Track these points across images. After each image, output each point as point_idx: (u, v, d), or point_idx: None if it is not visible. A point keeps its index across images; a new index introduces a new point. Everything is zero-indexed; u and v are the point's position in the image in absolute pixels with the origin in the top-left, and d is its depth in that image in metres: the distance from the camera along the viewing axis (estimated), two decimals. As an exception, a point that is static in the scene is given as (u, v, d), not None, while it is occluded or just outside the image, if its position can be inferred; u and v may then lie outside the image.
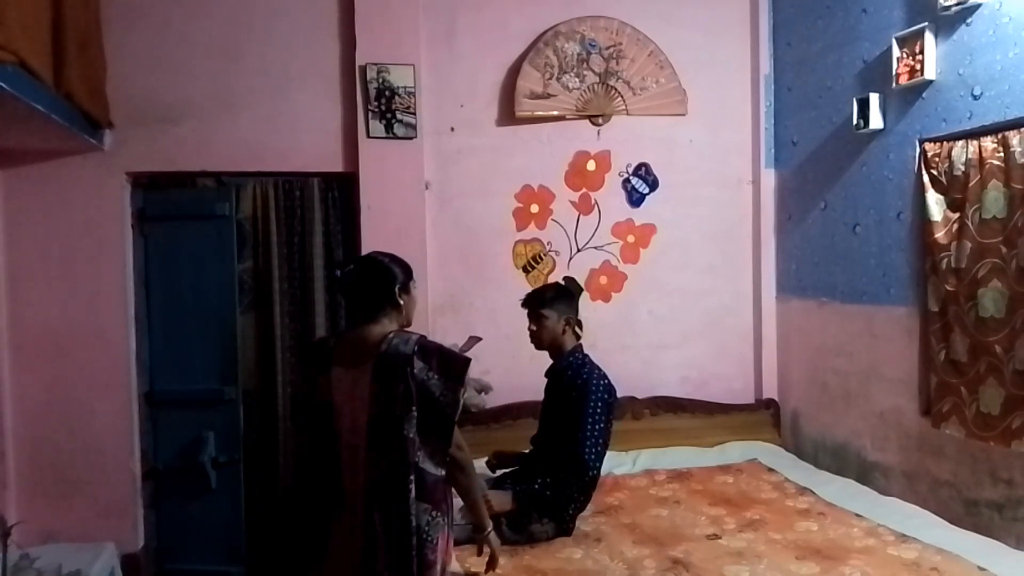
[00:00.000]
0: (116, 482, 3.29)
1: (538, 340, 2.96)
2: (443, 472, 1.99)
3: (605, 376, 2.88)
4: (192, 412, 3.42)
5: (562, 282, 3.69)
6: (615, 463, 3.37)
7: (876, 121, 3.12)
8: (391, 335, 2.00)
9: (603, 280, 3.82)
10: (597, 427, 2.76)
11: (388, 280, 2.07)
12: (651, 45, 3.76)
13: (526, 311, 2.96)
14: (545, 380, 3.04)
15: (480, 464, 3.13)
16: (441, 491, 2.00)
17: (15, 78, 2.17)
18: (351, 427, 1.99)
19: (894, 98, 3.07)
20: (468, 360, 2.04)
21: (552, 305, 2.92)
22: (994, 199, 2.57)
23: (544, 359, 3.40)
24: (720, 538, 2.65)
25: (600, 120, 3.78)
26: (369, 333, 2.02)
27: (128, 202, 3.36)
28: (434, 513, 1.95)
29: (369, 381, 1.96)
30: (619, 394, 3.62)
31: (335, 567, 2.02)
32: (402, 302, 2.08)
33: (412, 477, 1.92)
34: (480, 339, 2.87)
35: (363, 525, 1.94)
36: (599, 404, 2.79)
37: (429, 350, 1.98)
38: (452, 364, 1.99)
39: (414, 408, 1.93)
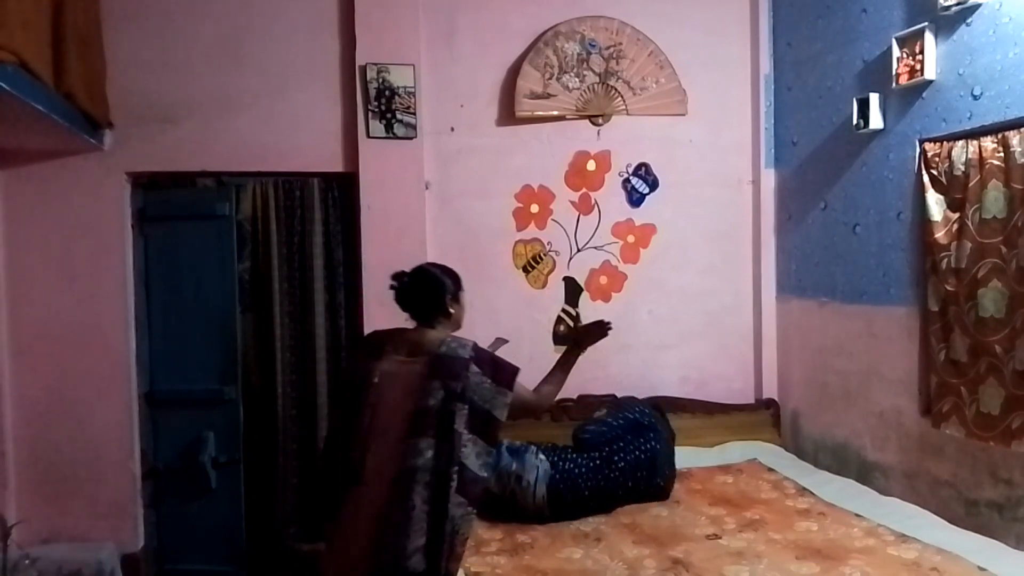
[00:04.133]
0: (116, 482, 3.29)
1: None
2: (484, 474, 2.11)
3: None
4: (192, 412, 3.42)
5: (562, 282, 3.72)
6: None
7: (876, 121, 3.11)
8: (448, 339, 2.18)
9: (603, 280, 3.82)
10: None
11: (439, 290, 2.27)
12: (651, 45, 3.76)
13: None
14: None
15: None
16: (479, 490, 2.11)
17: (15, 78, 2.17)
18: (390, 411, 2.11)
19: (894, 98, 3.07)
20: (517, 369, 2.21)
21: None
22: (994, 199, 2.57)
23: (542, 359, 3.41)
24: (720, 538, 2.65)
25: (600, 120, 3.78)
26: (425, 335, 2.22)
27: (128, 202, 3.36)
28: (469, 508, 2.06)
29: (423, 374, 2.11)
30: (619, 394, 3.70)
31: (343, 535, 2.11)
32: (452, 311, 2.29)
33: (456, 470, 2.04)
34: (507, 341, 2.94)
35: (395, 504, 2.02)
36: None
37: (483, 357, 2.18)
38: (503, 371, 2.17)
39: (466, 406, 2.07)
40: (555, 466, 2.96)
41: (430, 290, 2.27)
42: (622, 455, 3.05)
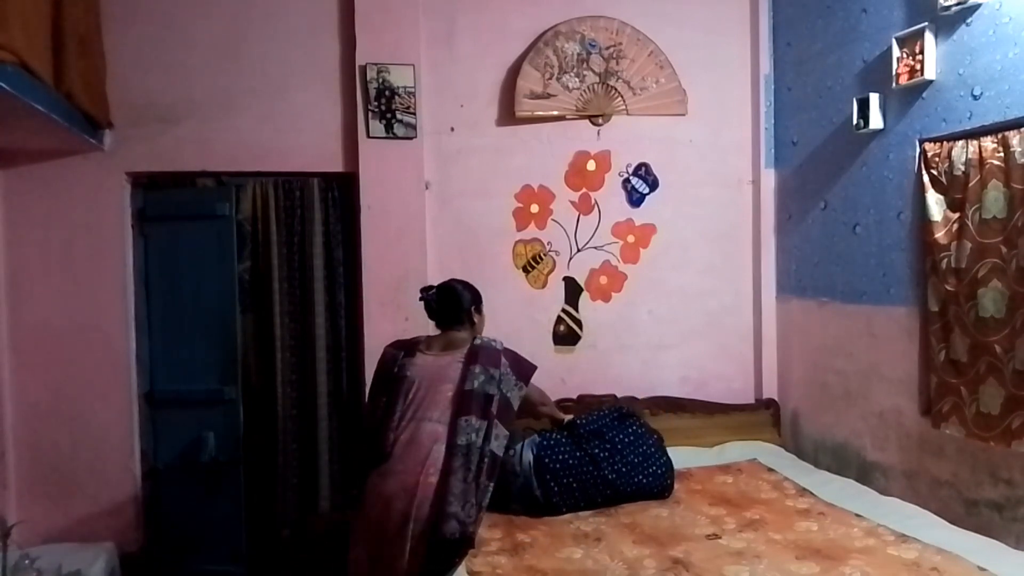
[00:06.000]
0: (116, 482, 3.29)
1: None
2: (501, 454, 2.48)
3: None
4: (192, 412, 3.42)
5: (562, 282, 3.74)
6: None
7: (876, 121, 3.11)
8: (478, 337, 2.64)
9: (603, 280, 3.82)
10: None
11: (462, 304, 2.72)
12: (651, 45, 3.76)
13: None
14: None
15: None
16: (497, 467, 2.46)
17: (15, 78, 2.17)
18: (426, 398, 2.47)
19: (894, 98, 3.07)
20: (535, 367, 2.68)
21: None
22: (994, 199, 2.57)
23: (542, 359, 3.42)
24: (720, 538, 2.65)
25: (600, 120, 3.78)
26: (456, 336, 2.66)
27: (128, 202, 3.37)
28: (488, 483, 2.41)
29: (463, 362, 2.51)
30: (619, 394, 3.70)
31: (373, 505, 2.39)
32: (476, 320, 2.77)
33: (489, 448, 2.41)
34: (535, 367, 3.01)
35: (454, 476, 2.35)
36: None
37: (510, 352, 2.63)
38: (523, 367, 2.65)
39: (497, 392, 2.47)
40: (542, 435, 3.11)
41: (458, 302, 2.72)
42: (610, 435, 3.11)
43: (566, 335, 3.78)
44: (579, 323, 3.79)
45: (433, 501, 2.31)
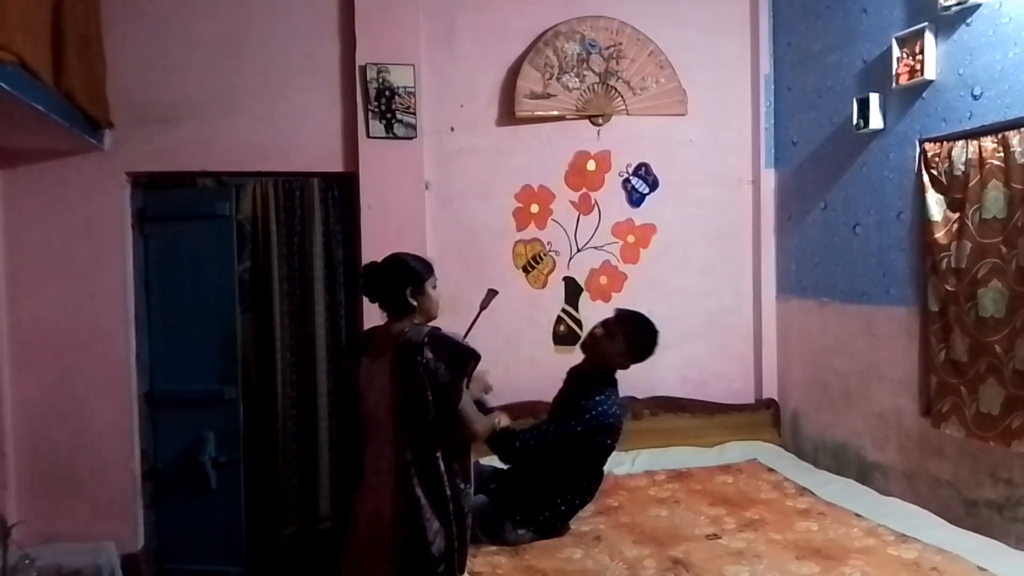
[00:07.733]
0: (116, 482, 3.29)
1: (592, 347, 2.90)
2: (465, 446, 2.26)
3: (614, 421, 2.80)
4: (192, 412, 3.42)
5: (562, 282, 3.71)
6: (615, 463, 3.36)
7: (876, 121, 3.12)
8: (408, 328, 2.20)
9: (603, 280, 3.82)
10: (567, 445, 2.73)
11: (401, 281, 2.23)
12: (651, 45, 3.76)
13: (609, 320, 2.89)
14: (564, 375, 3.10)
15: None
16: (467, 464, 2.26)
17: (15, 78, 2.17)
18: (373, 410, 2.24)
19: (894, 98, 3.07)
20: (474, 352, 2.20)
21: (630, 340, 2.83)
22: (994, 199, 2.57)
23: (543, 359, 3.38)
24: (720, 538, 2.65)
25: (600, 120, 3.78)
26: (391, 328, 2.24)
27: (128, 202, 3.36)
28: (461, 485, 2.19)
29: (390, 369, 2.17)
30: (619, 394, 3.62)
31: (355, 530, 2.27)
32: (415, 302, 2.23)
33: (439, 454, 2.15)
34: (496, 292, 2.85)
35: (403, 497, 2.15)
36: (589, 440, 2.75)
37: (439, 341, 2.16)
38: (459, 355, 2.17)
39: (429, 392, 2.11)
40: (539, 531, 2.71)
41: (388, 283, 2.24)
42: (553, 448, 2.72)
43: (566, 335, 3.78)
44: (579, 323, 3.79)
45: (397, 527, 2.16)
